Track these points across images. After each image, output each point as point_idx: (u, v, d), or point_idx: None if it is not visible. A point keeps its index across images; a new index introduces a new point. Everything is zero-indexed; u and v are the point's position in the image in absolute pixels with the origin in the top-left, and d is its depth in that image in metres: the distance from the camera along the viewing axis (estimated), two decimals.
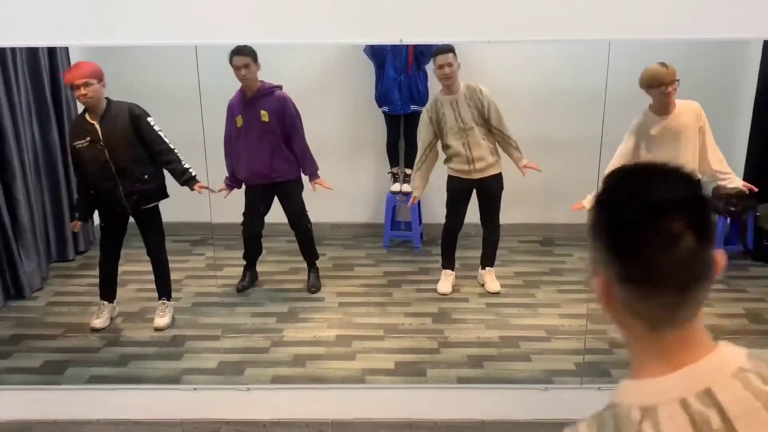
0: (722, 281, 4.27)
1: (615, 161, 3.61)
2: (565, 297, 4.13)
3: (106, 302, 3.81)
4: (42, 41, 3.34)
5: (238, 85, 3.93)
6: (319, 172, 4.06)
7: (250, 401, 3.20)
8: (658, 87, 3.45)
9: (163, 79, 4.42)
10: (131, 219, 3.70)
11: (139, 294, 4.13)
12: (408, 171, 4.85)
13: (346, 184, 4.86)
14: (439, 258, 4.31)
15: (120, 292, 3.93)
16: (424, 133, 4.03)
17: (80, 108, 3.55)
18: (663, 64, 3.45)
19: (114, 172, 3.49)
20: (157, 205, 3.68)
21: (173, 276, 3.90)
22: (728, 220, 4.60)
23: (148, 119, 3.52)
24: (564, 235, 5.00)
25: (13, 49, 3.91)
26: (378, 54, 4.59)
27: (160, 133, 3.54)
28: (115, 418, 3.16)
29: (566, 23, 2.74)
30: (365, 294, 4.23)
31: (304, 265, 4.33)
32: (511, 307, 4.02)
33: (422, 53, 4.54)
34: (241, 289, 4.23)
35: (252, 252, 4.28)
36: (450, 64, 3.79)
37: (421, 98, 4.64)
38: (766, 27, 2.74)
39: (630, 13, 2.72)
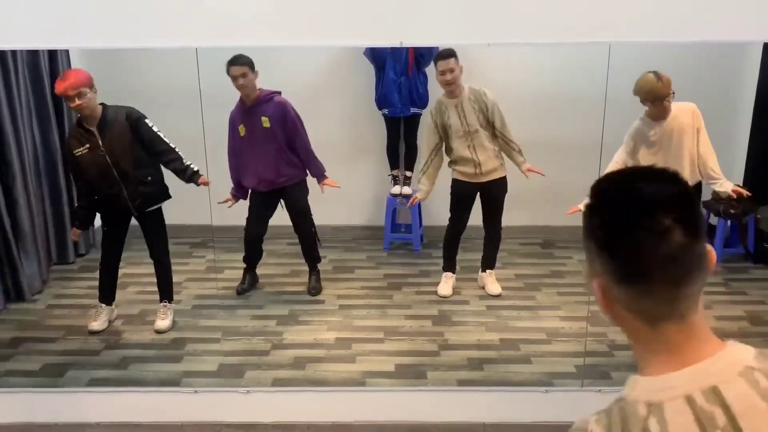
0: (723, 284, 4.27)
1: (612, 166, 3.61)
2: (566, 299, 4.13)
3: (104, 305, 3.81)
4: (42, 44, 3.34)
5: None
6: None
7: (250, 404, 3.20)
8: (654, 102, 3.43)
9: (163, 82, 4.42)
10: (133, 221, 3.70)
11: (139, 296, 4.13)
12: (408, 173, 4.85)
13: (346, 187, 4.84)
14: (440, 260, 4.31)
15: (120, 294, 3.93)
16: (428, 137, 4.00)
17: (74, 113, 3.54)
18: (658, 77, 3.38)
19: (117, 177, 3.49)
20: (161, 208, 3.69)
21: (174, 278, 3.90)
22: (728, 222, 4.60)
23: (146, 120, 3.52)
24: (564, 237, 4.99)
25: (13, 51, 3.91)
26: (378, 56, 4.59)
27: (159, 133, 3.54)
28: (116, 421, 3.16)
29: (567, 26, 2.74)
30: (365, 296, 4.22)
31: (305, 267, 4.32)
32: (512, 310, 4.02)
33: (422, 55, 4.54)
34: (241, 292, 4.23)
35: (252, 256, 4.28)
36: (452, 70, 3.76)
37: (422, 100, 4.64)
38: (765, 29, 2.75)
39: (630, 16, 2.72)
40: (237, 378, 3.33)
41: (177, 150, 3.57)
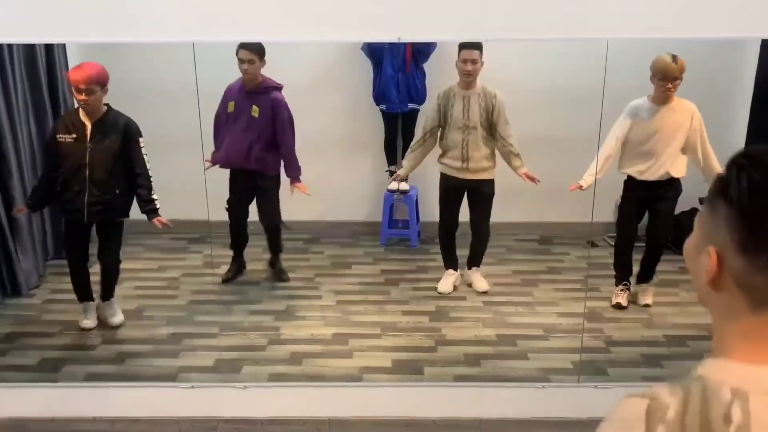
0: None
1: (611, 139, 3.70)
2: (563, 295, 4.14)
3: (89, 302, 3.77)
4: (39, 38, 3.32)
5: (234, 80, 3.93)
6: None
7: (247, 399, 3.20)
8: (661, 80, 3.51)
9: (160, 76, 4.40)
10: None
11: (136, 291, 4.13)
12: None
13: (343, 183, 4.86)
14: (437, 256, 4.31)
15: (117, 289, 3.92)
16: (429, 118, 4.02)
17: (77, 103, 3.53)
18: (674, 59, 3.48)
19: (86, 176, 3.42)
20: (122, 221, 3.61)
21: (171, 273, 3.91)
22: None
23: (140, 139, 3.48)
24: (561, 233, 5.00)
25: (9, 45, 3.89)
26: (375, 52, 4.58)
27: (145, 156, 3.50)
28: (112, 416, 3.16)
29: (564, 21, 2.73)
30: (363, 292, 4.22)
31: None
32: (509, 306, 4.02)
33: (420, 51, 4.54)
34: (226, 280, 4.21)
35: (239, 240, 4.27)
36: (474, 61, 3.79)
37: (419, 96, 4.63)
38: (763, 26, 2.75)
39: (628, 12, 2.72)
40: (234, 373, 3.33)
41: (152, 180, 3.53)
